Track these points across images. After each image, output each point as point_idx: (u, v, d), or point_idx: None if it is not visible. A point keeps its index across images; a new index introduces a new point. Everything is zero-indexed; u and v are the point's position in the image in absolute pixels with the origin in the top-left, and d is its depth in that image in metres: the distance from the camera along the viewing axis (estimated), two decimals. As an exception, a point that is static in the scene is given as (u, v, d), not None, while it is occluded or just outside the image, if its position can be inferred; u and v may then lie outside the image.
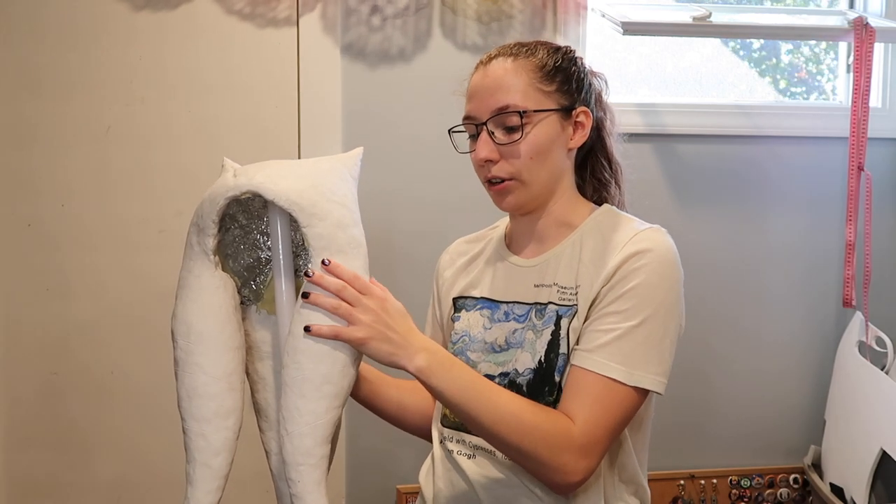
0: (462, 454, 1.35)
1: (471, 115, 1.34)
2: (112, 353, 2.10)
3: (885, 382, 2.11)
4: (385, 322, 1.17)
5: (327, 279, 1.15)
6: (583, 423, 1.22)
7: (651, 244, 1.27)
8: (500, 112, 1.30)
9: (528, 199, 1.34)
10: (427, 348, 1.20)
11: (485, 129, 1.31)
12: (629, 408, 1.25)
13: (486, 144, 1.31)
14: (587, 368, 1.24)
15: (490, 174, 1.32)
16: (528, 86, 1.31)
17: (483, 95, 1.32)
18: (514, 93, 1.30)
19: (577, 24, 2.16)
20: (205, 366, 1.17)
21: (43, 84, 2.03)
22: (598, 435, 1.22)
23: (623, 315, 1.24)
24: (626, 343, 1.24)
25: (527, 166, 1.31)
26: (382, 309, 1.17)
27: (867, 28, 2.17)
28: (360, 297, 1.16)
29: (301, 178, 1.17)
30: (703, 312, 2.27)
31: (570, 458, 1.21)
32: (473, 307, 1.41)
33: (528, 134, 1.30)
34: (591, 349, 1.25)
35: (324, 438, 1.16)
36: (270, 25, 2.09)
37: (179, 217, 2.03)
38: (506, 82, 1.31)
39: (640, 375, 1.24)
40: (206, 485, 1.17)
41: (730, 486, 2.31)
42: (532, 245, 1.38)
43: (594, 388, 1.23)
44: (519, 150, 1.30)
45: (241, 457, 1.21)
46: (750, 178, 2.31)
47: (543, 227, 1.37)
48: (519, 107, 1.30)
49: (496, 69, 1.33)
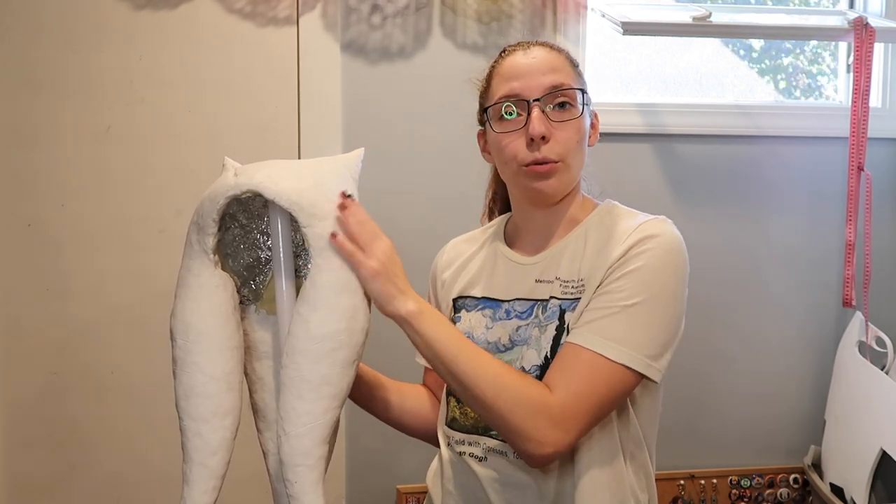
0: (473, 457, 1.33)
1: (517, 93, 1.31)
2: (112, 353, 2.10)
3: (885, 382, 2.11)
4: (390, 266, 1.21)
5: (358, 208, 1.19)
6: (562, 394, 1.20)
7: (657, 231, 1.27)
8: (558, 89, 1.30)
9: (565, 186, 1.33)
10: (419, 300, 1.24)
11: (537, 106, 1.30)
12: (617, 387, 1.23)
13: (542, 120, 1.29)
14: (575, 342, 1.23)
15: (540, 154, 1.30)
16: (573, 73, 1.34)
17: (532, 74, 1.31)
18: (566, 74, 1.32)
19: (577, 24, 2.16)
20: (203, 365, 1.16)
21: (43, 84, 2.03)
22: (577, 409, 1.20)
23: (620, 295, 1.23)
24: (619, 321, 1.22)
25: (573, 149, 1.31)
26: (393, 253, 1.22)
27: (867, 28, 2.17)
28: (378, 237, 1.20)
29: (302, 177, 1.17)
30: (703, 312, 2.27)
31: (543, 426, 1.19)
32: (474, 307, 1.40)
33: (582, 115, 1.31)
34: (582, 324, 1.24)
35: (322, 439, 1.15)
36: (271, 24, 2.09)
37: (179, 217, 2.03)
38: (557, 64, 1.33)
39: (628, 354, 1.22)
40: (202, 484, 1.16)
41: (730, 486, 2.31)
42: (536, 241, 1.38)
43: (579, 361, 1.22)
44: (573, 127, 1.30)
45: (239, 457, 1.21)
46: (750, 178, 2.31)
47: (553, 222, 1.36)
48: (574, 86, 1.31)
49: (541, 53, 1.34)
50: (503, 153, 1.33)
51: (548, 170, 1.30)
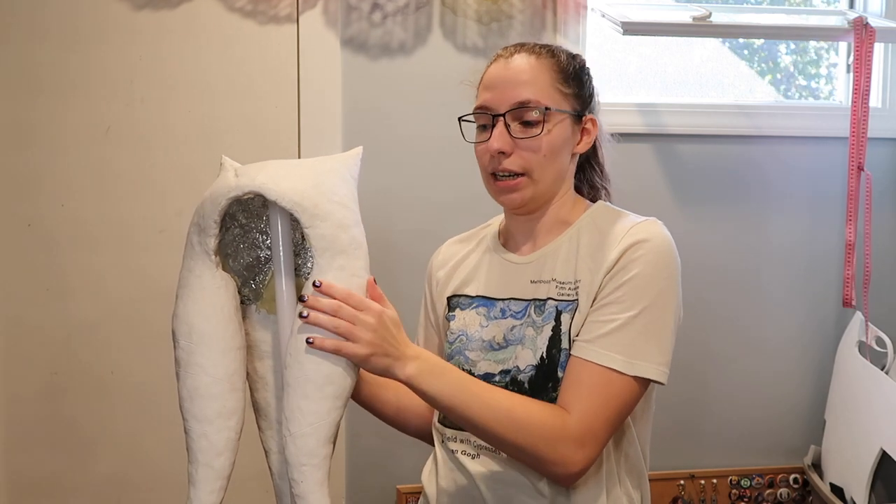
0: (466, 454, 1.35)
1: (487, 105, 1.33)
2: (112, 353, 2.10)
3: (885, 382, 2.11)
4: (383, 337, 1.17)
5: (322, 301, 1.14)
6: (579, 414, 1.22)
7: (648, 235, 1.28)
8: (522, 106, 1.30)
9: (533, 198, 1.34)
10: (418, 356, 1.21)
11: (501, 121, 1.30)
12: (629, 398, 1.25)
13: (502, 136, 1.30)
14: (586, 359, 1.24)
15: (500, 166, 1.31)
16: (550, 85, 1.32)
17: (504, 87, 1.32)
18: (536, 89, 1.31)
19: (577, 24, 2.16)
20: (207, 366, 1.16)
21: (43, 84, 2.03)
22: (596, 426, 1.22)
23: (622, 305, 1.25)
24: (626, 333, 1.24)
25: (540, 163, 1.31)
26: (380, 323, 1.17)
27: (867, 28, 2.17)
28: (358, 315, 1.15)
29: (302, 178, 1.17)
30: (703, 312, 2.27)
31: (568, 450, 1.21)
32: (469, 305, 1.41)
33: (547, 132, 1.31)
34: (590, 339, 1.25)
35: (326, 439, 1.16)
36: (271, 23, 2.09)
37: (180, 217, 2.03)
38: (529, 77, 1.32)
39: (641, 365, 1.24)
40: (208, 485, 1.17)
41: (730, 486, 2.31)
42: (528, 242, 1.39)
43: (592, 378, 1.23)
44: (537, 145, 1.30)
45: (240, 455, 1.21)
46: (750, 178, 2.31)
47: (541, 226, 1.38)
48: (541, 103, 1.31)
49: (519, 63, 1.33)
50: (478, 161, 1.36)
51: (511, 185, 1.32)
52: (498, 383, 1.32)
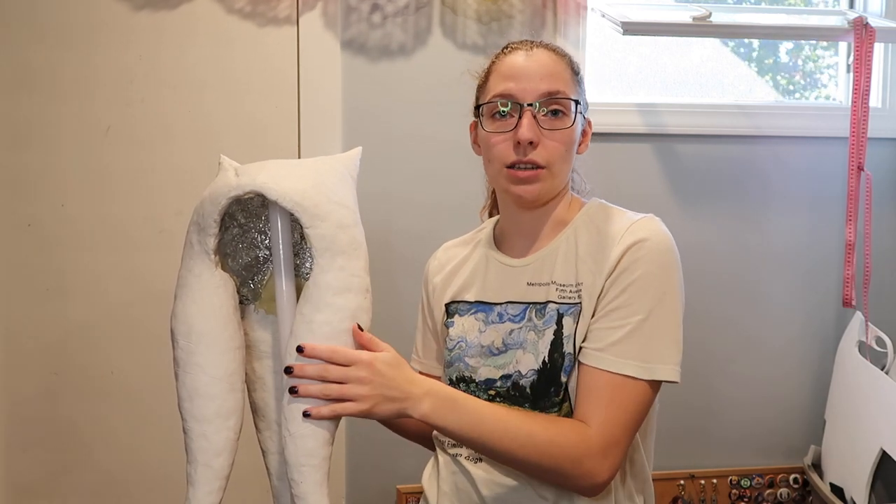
0: (469, 458, 1.34)
1: (511, 93, 1.31)
2: (112, 354, 2.10)
3: (885, 382, 2.11)
4: (380, 384, 1.14)
5: (307, 369, 1.13)
6: (599, 426, 1.21)
7: (647, 233, 1.27)
8: (552, 96, 1.30)
9: (549, 191, 1.33)
10: (429, 392, 1.18)
11: (529, 111, 1.29)
12: (646, 402, 1.25)
13: (532, 126, 1.29)
14: (601, 368, 1.24)
15: (526, 157, 1.29)
16: (571, 80, 1.33)
17: (531, 77, 1.31)
18: (563, 82, 1.32)
19: (577, 24, 2.16)
20: (206, 366, 1.16)
21: (42, 84, 2.03)
22: (617, 434, 1.22)
23: (629, 310, 1.24)
24: (637, 338, 1.23)
25: (561, 157, 1.31)
26: (374, 372, 1.14)
27: (867, 28, 2.17)
28: (348, 372, 1.13)
29: (302, 178, 1.17)
30: (702, 312, 2.27)
31: (593, 464, 1.21)
32: (467, 312, 1.40)
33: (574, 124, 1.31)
34: (602, 348, 1.24)
35: (326, 440, 1.15)
36: (271, 24, 2.09)
37: (179, 217, 2.03)
38: (555, 70, 1.32)
39: (656, 367, 1.23)
40: (207, 485, 1.16)
41: (730, 486, 2.31)
42: (524, 244, 1.38)
43: (608, 387, 1.23)
44: (562, 136, 1.30)
45: (239, 455, 1.21)
46: (750, 178, 2.31)
47: (540, 225, 1.37)
48: (570, 96, 1.31)
49: (542, 56, 1.33)
50: (490, 152, 1.33)
51: (530, 175, 1.30)
52: (499, 388, 1.32)
